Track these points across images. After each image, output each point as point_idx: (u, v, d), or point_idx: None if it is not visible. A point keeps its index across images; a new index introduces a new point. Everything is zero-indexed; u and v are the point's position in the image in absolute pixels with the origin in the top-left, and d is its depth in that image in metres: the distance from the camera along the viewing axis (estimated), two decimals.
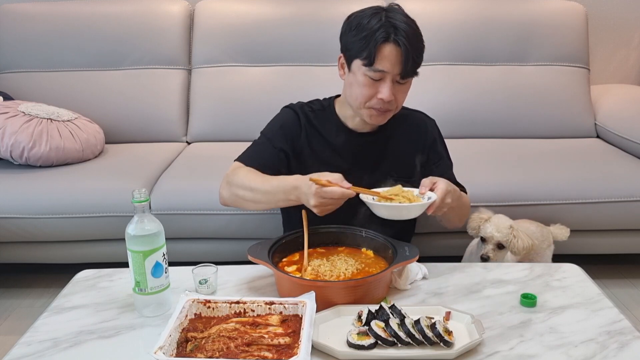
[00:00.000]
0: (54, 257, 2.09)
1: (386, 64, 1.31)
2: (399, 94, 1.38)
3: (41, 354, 1.02)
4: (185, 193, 1.98)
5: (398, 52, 1.30)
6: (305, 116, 1.52)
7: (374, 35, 1.30)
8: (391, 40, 1.30)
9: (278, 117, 1.56)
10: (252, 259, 1.19)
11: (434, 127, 1.60)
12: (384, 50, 1.30)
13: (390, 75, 1.33)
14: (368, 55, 1.30)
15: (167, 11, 2.59)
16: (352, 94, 1.39)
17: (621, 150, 2.29)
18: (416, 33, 1.35)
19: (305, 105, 1.55)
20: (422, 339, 0.99)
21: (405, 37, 1.30)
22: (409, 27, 1.32)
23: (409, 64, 1.32)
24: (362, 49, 1.31)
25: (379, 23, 1.31)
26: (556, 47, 2.54)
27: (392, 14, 1.34)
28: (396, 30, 1.30)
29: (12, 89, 2.49)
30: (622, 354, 1.00)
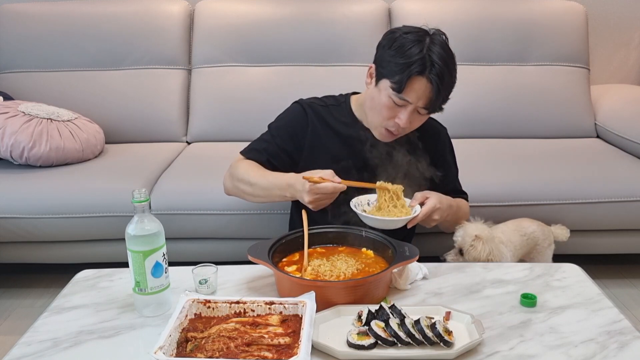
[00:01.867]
0: (54, 257, 2.09)
1: (413, 96, 1.32)
2: (415, 121, 1.39)
3: (41, 354, 1.02)
4: (185, 193, 1.98)
5: (428, 87, 1.31)
6: (314, 111, 1.52)
7: (410, 67, 1.29)
8: (425, 75, 1.30)
9: (286, 113, 1.57)
10: (252, 259, 1.19)
11: (446, 137, 1.62)
12: (416, 83, 1.30)
13: (413, 106, 1.34)
14: (399, 82, 1.31)
15: (167, 11, 2.59)
16: (372, 108, 1.40)
17: (621, 150, 2.29)
18: (451, 71, 1.34)
19: (317, 100, 1.56)
20: (422, 339, 0.99)
21: (439, 76, 1.29)
22: (445, 66, 1.31)
23: (438, 102, 1.34)
24: (395, 74, 1.31)
25: (419, 55, 1.29)
26: (556, 47, 2.54)
27: (434, 47, 1.31)
28: (432, 67, 1.29)
29: (12, 89, 2.49)
30: (622, 354, 1.00)
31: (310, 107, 1.53)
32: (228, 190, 1.57)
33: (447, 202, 1.46)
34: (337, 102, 1.55)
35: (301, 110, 1.53)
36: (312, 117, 1.52)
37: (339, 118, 1.52)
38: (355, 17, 2.55)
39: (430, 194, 1.42)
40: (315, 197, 1.29)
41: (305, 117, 1.52)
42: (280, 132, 1.53)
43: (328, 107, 1.54)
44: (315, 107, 1.53)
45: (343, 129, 1.51)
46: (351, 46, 2.53)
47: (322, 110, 1.53)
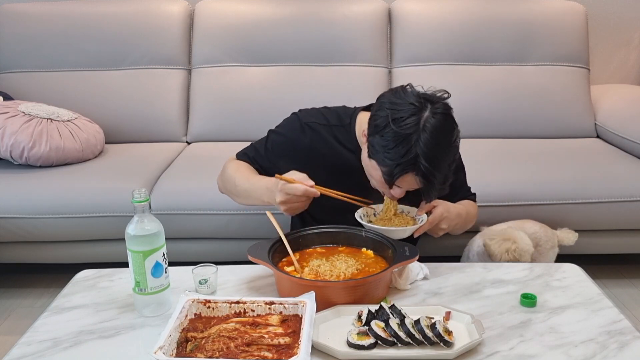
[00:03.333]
0: (54, 257, 2.09)
1: (405, 185, 1.26)
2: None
3: (41, 354, 1.02)
4: (185, 193, 1.98)
5: (419, 182, 1.23)
6: (313, 132, 1.44)
7: (398, 166, 1.20)
8: (413, 173, 1.21)
9: (285, 126, 1.49)
10: (252, 259, 1.19)
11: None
12: (405, 178, 1.23)
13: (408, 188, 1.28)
14: (387, 176, 1.23)
15: (167, 11, 2.59)
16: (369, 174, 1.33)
17: (621, 150, 2.29)
18: (444, 161, 1.22)
19: (320, 117, 1.46)
20: (422, 339, 0.99)
21: (429, 173, 1.19)
22: (435, 163, 1.20)
23: (432, 192, 1.25)
24: (383, 166, 1.23)
25: (405, 157, 1.18)
26: (556, 47, 2.54)
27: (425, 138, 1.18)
28: (419, 168, 1.19)
29: (12, 89, 2.49)
30: (622, 354, 1.00)
31: (310, 127, 1.44)
32: (220, 189, 1.56)
33: (456, 210, 1.41)
34: (341, 123, 1.45)
35: (299, 129, 1.45)
36: (311, 138, 1.44)
37: (340, 141, 1.44)
38: (355, 17, 2.55)
39: (437, 202, 1.37)
40: (286, 197, 1.24)
41: (301, 138, 1.44)
42: (274, 148, 1.48)
43: (331, 127, 1.45)
44: (316, 127, 1.44)
45: (345, 153, 1.43)
46: (351, 46, 2.53)
47: (322, 131, 1.44)
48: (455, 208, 1.42)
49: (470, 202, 1.59)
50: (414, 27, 2.56)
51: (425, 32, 2.55)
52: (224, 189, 1.54)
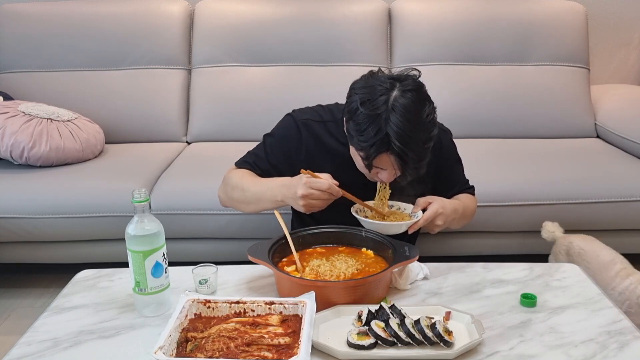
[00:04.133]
0: (54, 257, 2.09)
1: (387, 166, 1.26)
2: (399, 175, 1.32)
3: (41, 354, 1.02)
4: (185, 193, 1.98)
5: (395, 160, 1.23)
6: (308, 130, 1.45)
7: (371, 149, 1.21)
8: (388, 152, 1.21)
9: (279, 128, 1.50)
10: (252, 259, 1.19)
11: (449, 143, 1.54)
12: (381, 159, 1.24)
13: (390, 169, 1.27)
14: (365, 159, 1.25)
15: (167, 11, 2.59)
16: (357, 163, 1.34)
17: (621, 150, 2.29)
18: (418, 136, 1.22)
19: (313, 114, 1.48)
20: (422, 339, 0.99)
21: (403, 149, 1.19)
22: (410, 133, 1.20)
23: (408, 172, 1.25)
24: (360, 149, 1.25)
25: (376, 137, 1.19)
26: (556, 47, 2.54)
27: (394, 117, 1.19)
28: (392, 146, 1.20)
29: (12, 89, 2.49)
30: (622, 354, 1.00)
31: (304, 125, 1.45)
32: (223, 202, 1.53)
33: (452, 206, 1.41)
34: (334, 118, 1.45)
35: (295, 128, 1.46)
36: (306, 136, 1.44)
37: (335, 136, 1.44)
38: (355, 17, 2.55)
39: (433, 199, 1.38)
40: (309, 191, 1.23)
41: (299, 136, 1.45)
42: (273, 150, 1.48)
43: (324, 123, 1.45)
44: (310, 124, 1.45)
45: (339, 148, 1.43)
46: (351, 46, 2.53)
47: (316, 127, 1.45)
48: (451, 204, 1.41)
49: (468, 196, 1.58)
50: (414, 27, 2.56)
51: (425, 32, 2.55)
52: (228, 201, 1.50)
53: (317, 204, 1.27)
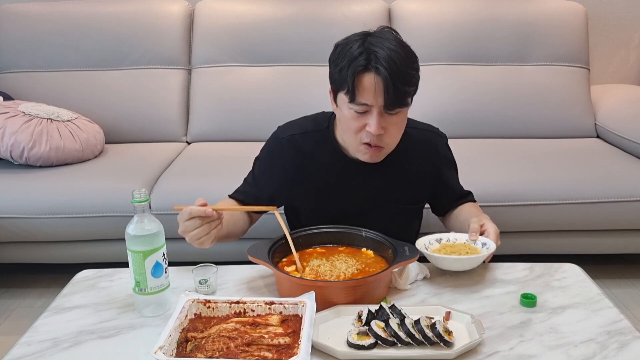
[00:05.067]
0: (54, 257, 2.09)
1: (368, 96, 1.20)
2: (391, 126, 1.25)
3: (41, 354, 1.02)
4: (185, 193, 1.98)
5: (379, 82, 1.18)
6: (293, 146, 1.40)
7: (351, 66, 1.19)
8: (370, 69, 1.18)
9: (266, 149, 1.46)
10: (252, 259, 1.19)
11: (445, 148, 1.49)
12: (364, 81, 1.19)
13: (376, 108, 1.21)
14: (349, 89, 1.20)
15: (167, 11, 2.59)
16: (343, 130, 1.30)
17: (621, 150, 2.29)
18: (402, 58, 1.21)
19: (296, 127, 1.43)
20: (422, 339, 0.99)
21: (387, 64, 1.17)
22: (392, 52, 1.19)
23: (392, 94, 1.19)
24: (343, 82, 1.21)
25: (359, 50, 1.19)
26: (556, 47, 2.54)
27: (375, 39, 1.21)
28: (376, 58, 1.18)
29: (12, 89, 2.49)
30: (622, 354, 1.00)
31: (289, 141, 1.40)
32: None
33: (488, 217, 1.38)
34: (317, 128, 1.41)
35: (279, 146, 1.41)
36: (293, 152, 1.40)
37: (320, 146, 1.39)
38: (355, 17, 2.55)
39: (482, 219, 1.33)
40: (183, 226, 1.17)
41: (285, 154, 1.40)
42: (262, 173, 1.44)
43: (308, 134, 1.40)
44: (294, 139, 1.40)
45: (325, 158, 1.38)
46: None
47: (301, 140, 1.40)
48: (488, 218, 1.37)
49: (475, 205, 1.54)
50: (414, 27, 2.56)
51: (425, 32, 2.55)
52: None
53: (199, 233, 1.17)
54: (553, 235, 2.07)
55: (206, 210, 1.17)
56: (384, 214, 1.41)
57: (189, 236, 1.18)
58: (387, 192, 1.41)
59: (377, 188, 1.40)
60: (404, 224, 1.47)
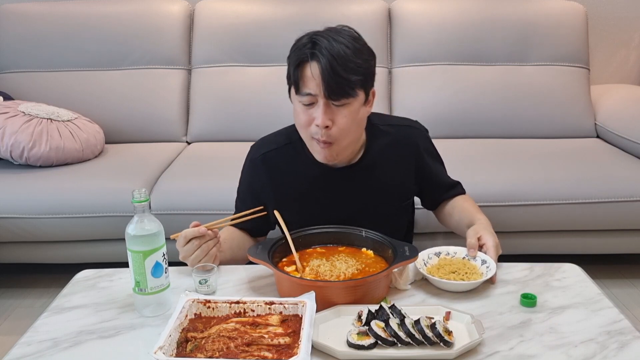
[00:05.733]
0: (54, 257, 2.09)
1: (311, 85, 1.20)
2: (339, 119, 1.23)
3: (41, 354, 1.02)
4: (185, 193, 1.98)
5: (320, 68, 1.19)
6: (267, 164, 1.39)
7: (295, 56, 1.23)
8: (312, 58, 1.19)
9: (244, 172, 1.46)
10: (252, 259, 1.19)
11: (426, 142, 1.47)
12: (306, 70, 1.21)
13: (320, 98, 1.21)
14: (294, 79, 1.22)
15: (167, 11, 2.59)
16: (297, 126, 1.29)
17: (621, 150, 2.29)
18: (347, 48, 1.20)
19: (269, 143, 1.42)
20: (422, 339, 0.99)
21: (327, 52, 1.18)
22: (336, 43, 1.19)
23: (334, 83, 1.18)
24: (289, 75, 1.25)
25: (303, 42, 1.23)
26: (556, 47, 2.54)
27: (324, 32, 1.23)
28: (318, 47, 1.19)
29: (12, 89, 2.49)
30: (622, 354, 1.00)
31: (262, 161, 1.39)
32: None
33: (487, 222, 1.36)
34: (290, 140, 1.39)
35: (253, 169, 1.41)
36: (267, 171, 1.39)
37: (296, 159, 1.38)
38: (355, 17, 2.55)
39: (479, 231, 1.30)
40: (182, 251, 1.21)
41: (261, 175, 1.40)
42: (245, 198, 1.44)
43: (279, 149, 1.39)
44: (267, 157, 1.39)
45: (303, 170, 1.37)
46: None
47: (275, 157, 1.39)
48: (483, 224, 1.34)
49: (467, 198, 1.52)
50: (414, 27, 2.56)
51: (425, 32, 2.55)
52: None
53: (199, 255, 1.21)
54: (553, 235, 2.07)
55: (199, 229, 1.20)
56: (372, 216, 1.38)
57: (190, 260, 1.21)
58: (371, 194, 1.39)
59: (359, 192, 1.39)
60: (394, 222, 1.45)
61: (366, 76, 1.25)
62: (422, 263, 1.26)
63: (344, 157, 1.34)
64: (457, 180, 1.55)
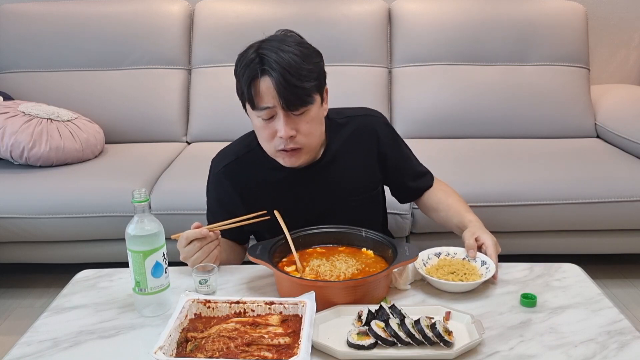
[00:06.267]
0: (54, 257, 2.09)
1: (267, 98, 1.19)
2: (302, 126, 1.23)
3: (41, 354, 1.02)
4: (185, 193, 1.98)
5: (273, 82, 1.18)
6: (229, 177, 1.38)
7: (244, 74, 1.21)
8: (264, 74, 1.18)
9: (209, 187, 1.44)
10: (252, 259, 1.19)
11: (385, 128, 1.44)
12: (259, 86, 1.19)
13: (279, 110, 1.20)
14: (248, 97, 1.21)
15: (167, 11, 2.59)
16: (260, 140, 1.29)
17: (621, 150, 2.29)
18: (295, 55, 1.19)
19: (228, 156, 1.40)
20: (422, 339, 0.99)
21: (276, 65, 1.17)
22: (283, 53, 1.18)
23: (290, 93, 1.18)
24: (242, 92, 1.23)
25: (248, 58, 1.21)
26: (556, 47, 2.54)
27: (268, 44, 1.21)
28: (266, 61, 1.18)
29: (12, 89, 2.49)
30: (622, 354, 1.00)
31: (224, 174, 1.38)
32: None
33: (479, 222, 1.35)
34: (249, 148, 1.38)
35: (217, 183, 1.40)
36: (231, 183, 1.38)
37: (257, 166, 1.36)
38: (355, 17, 2.55)
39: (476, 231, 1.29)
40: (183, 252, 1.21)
41: (226, 188, 1.39)
42: (216, 213, 1.41)
43: (240, 159, 1.38)
44: (229, 169, 1.38)
45: (267, 176, 1.36)
46: (351, 46, 2.53)
47: (237, 168, 1.38)
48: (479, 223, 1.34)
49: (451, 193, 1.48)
50: (414, 27, 2.56)
51: (425, 32, 2.55)
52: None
53: (200, 256, 1.21)
54: (553, 235, 2.07)
55: (202, 231, 1.20)
56: (343, 210, 1.39)
57: (192, 261, 1.21)
58: (338, 189, 1.39)
59: (326, 189, 1.38)
60: (366, 213, 1.45)
61: (319, 79, 1.25)
62: (421, 263, 1.26)
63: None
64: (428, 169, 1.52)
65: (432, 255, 1.30)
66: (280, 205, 1.32)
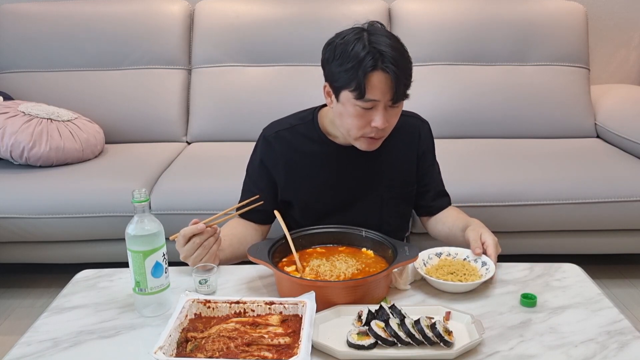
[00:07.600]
0: (54, 257, 2.09)
1: (377, 93, 1.24)
2: (391, 118, 1.31)
3: (41, 354, 1.02)
4: (185, 193, 1.98)
5: (387, 78, 1.23)
6: (281, 142, 1.43)
7: (361, 66, 1.22)
8: (379, 67, 1.22)
9: (255, 150, 1.48)
10: (252, 259, 1.19)
11: (428, 133, 1.52)
12: (373, 79, 1.23)
13: (382, 103, 1.26)
14: (357, 87, 1.23)
15: (167, 11, 2.59)
16: (344, 125, 1.31)
17: (621, 150, 2.29)
18: (403, 55, 1.27)
19: (283, 123, 1.46)
20: (422, 339, 0.99)
21: (394, 63, 1.22)
22: (395, 51, 1.24)
23: (400, 90, 1.25)
24: (350, 81, 1.24)
25: (364, 50, 1.22)
26: (556, 47, 2.54)
27: (375, 37, 1.24)
28: (383, 57, 1.22)
29: (12, 89, 2.49)
30: (622, 354, 1.00)
31: (276, 139, 1.43)
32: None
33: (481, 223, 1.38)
34: (303, 120, 1.44)
35: (267, 145, 1.44)
36: (281, 148, 1.43)
37: (308, 138, 1.42)
38: (355, 17, 2.50)
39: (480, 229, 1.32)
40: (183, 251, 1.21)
41: (274, 152, 1.43)
42: (255, 177, 1.46)
43: (294, 128, 1.44)
44: (282, 135, 1.43)
45: (314, 148, 1.42)
46: None
47: (288, 136, 1.43)
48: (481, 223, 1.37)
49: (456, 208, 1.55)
50: (414, 27, 2.56)
51: (425, 32, 2.55)
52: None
53: (200, 253, 1.21)
54: (553, 235, 2.07)
55: (198, 226, 1.20)
56: (377, 199, 1.44)
57: (192, 259, 1.22)
58: (378, 176, 1.43)
59: (367, 173, 1.43)
60: (397, 209, 1.49)
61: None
62: (421, 263, 1.26)
63: None
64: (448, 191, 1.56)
65: (432, 255, 1.30)
66: (320, 178, 1.38)
